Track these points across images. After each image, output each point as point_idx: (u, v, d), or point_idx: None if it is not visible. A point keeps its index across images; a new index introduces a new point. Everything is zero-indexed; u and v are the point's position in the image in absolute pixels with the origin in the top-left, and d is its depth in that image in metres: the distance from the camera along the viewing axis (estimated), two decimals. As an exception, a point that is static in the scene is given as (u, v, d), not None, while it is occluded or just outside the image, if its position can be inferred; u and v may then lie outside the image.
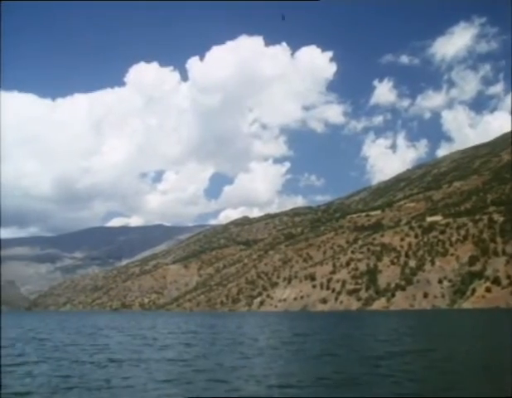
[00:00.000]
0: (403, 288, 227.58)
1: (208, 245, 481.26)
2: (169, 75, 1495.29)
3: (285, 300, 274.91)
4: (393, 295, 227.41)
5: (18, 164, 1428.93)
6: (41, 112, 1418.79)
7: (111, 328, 65.83)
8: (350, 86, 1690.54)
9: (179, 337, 50.21)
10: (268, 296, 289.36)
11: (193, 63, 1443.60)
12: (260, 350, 34.50)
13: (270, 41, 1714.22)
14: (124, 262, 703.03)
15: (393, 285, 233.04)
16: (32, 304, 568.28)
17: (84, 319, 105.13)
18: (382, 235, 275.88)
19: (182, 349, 35.92)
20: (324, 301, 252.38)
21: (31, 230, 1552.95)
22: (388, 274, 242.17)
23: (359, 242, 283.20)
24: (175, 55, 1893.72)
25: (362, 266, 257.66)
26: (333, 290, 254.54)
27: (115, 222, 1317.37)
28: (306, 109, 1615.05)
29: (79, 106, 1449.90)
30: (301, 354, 31.79)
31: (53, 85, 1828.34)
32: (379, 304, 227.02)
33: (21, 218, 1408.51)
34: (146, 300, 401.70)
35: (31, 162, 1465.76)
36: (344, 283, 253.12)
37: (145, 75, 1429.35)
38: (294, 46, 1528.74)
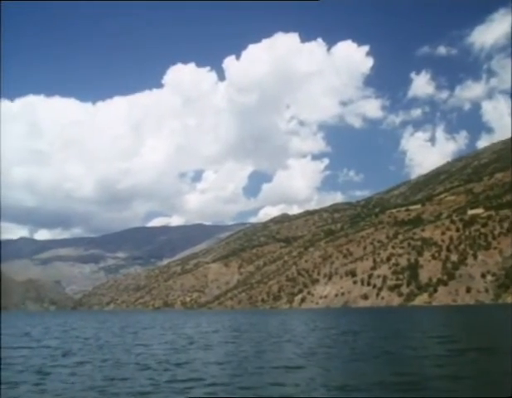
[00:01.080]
0: (446, 283, 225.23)
1: (248, 243, 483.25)
2: (206, 75, 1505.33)
3: (326, 297, 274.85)
4: (435, 290, 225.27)
5: (61, 167, 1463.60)
6: (82, 116, 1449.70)
7: (155, 327, 65.41)
8: (387, 80, 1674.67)
9: (226, 335, 48.72)
10: (308, 293, 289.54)
11: (229, 62, 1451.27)
12: (312, 349, 32.27)
13: (306, 37, 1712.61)
14: (165, 261, 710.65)
15: (434, 280, 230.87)
16: (77, 304, 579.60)
17: (128, 318, 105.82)
18: (422, 230, 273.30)
19: (230, 349, 33.94)
20: (365, 297, 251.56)
21: (75, 232, 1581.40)
22: (430, 269, 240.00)
23: (400, 237, 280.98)
24: (211, 56, 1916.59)
25: (403, 261, 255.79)
26: (374, 286, 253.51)
27: (156, 222, 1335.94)
28: (344, 104, 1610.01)
29: (119, 109, 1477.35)
30: (357, 353, 29.54)
31: (93, 89, 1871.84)
32: (421, 300, 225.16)
33: (64, 220, 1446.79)
34: (187, 299, 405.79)
35: (74, 165, 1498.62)
36: (385, 278, 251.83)
37: (182, 75, 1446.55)
38: (330, 42, 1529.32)
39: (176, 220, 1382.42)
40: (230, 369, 23.43)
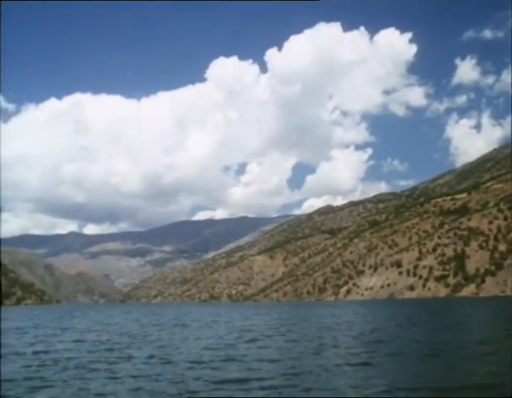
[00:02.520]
0: (494, 274, 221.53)
1: (292, 234, 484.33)
2: (248, 67, 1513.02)
3: (371, 288, 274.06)
4: (482, 281, 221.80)
5: (108, 163, 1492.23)
6: (127, 112, 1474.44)
7: (205, 320, 64.70)
8: (430, 67, 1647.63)
9: (278, 329, 45.78)
10: (354, 284, 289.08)
11: (272, 54, 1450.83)
12: (376, 343, 30.64)
13: (348, 26, 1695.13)
14: (211, 254, 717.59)
15: (482, 271, 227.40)
16: (126, 297, 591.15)
17: (177, 311, 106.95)
18: (469, 219, 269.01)
19: (286, 344, 31.85)
20: (411, 288, 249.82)
21: (122, 226, 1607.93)
22: (477, 260, 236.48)
23: (446, 227, 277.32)
24: (253, 48, 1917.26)
25: (449, 252, 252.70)
26: (420, 277, 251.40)
27: (201, 216, 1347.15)
28: (387, 93, 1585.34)
29: (163, 104, 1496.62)
30: (429, 348, 27.21)
31: (138, 86, 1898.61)
32: (468, 291, 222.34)
33: (112, 214, 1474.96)
34: (233, 291, 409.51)
35: (120, 160, 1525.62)
36: (431, 269, 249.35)
37: (225, 69, 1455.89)
38: (372, 30, 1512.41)
39: (220, 214, 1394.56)
40: (294, 367, 21.59)
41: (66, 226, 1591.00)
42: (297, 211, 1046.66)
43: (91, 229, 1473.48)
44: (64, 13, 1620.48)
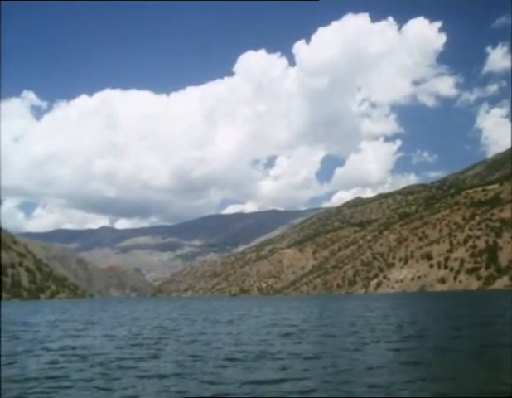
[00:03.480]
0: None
1: (322, 228, 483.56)
2: (276, 61, 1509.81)
3: (402, 281, 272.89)
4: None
5: (138, 158, 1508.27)
6: (156, 107, 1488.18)
7: (235, 315, 62.10)
8: (461, 56, 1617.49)
9: (312, 323, 44.73)
10: (384, 277, 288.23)
11: (299, 47, 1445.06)
12: (418, 338, 28.98)
13: (376, 17, 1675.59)
14: (241, 248, 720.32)
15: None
16: (157, 290, 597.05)
17: (207, 305, 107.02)
18: (501, 210, 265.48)
19: (322, 340, 29.43)
20: (442, 281, 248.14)
21: (152, 220, 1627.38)
22: (509, 251, 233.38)
23: (477, 218, 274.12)
24: (281, 41, 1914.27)
25: (481, 244, 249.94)
26: (451, 269, 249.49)
27: (230, 209, 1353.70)
28: (416, 83, 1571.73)
29: (192, 99, 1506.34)
30: (476, 344, 25.41)
31: (167, 81, 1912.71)
32: (501, 283, 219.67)
33: (142, 209, 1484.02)
34: (263, 285, 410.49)
35: (150, 155, 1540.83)
36: (462, 261, 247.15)
37: (253, 63, 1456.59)
38: (401, 20, 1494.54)
39: (250, 207, 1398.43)
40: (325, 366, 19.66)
41: (98, 221, 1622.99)
42: (326, 204, 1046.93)
43: (122, 223, 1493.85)
44: (94, 11, 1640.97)
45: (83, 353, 24.41)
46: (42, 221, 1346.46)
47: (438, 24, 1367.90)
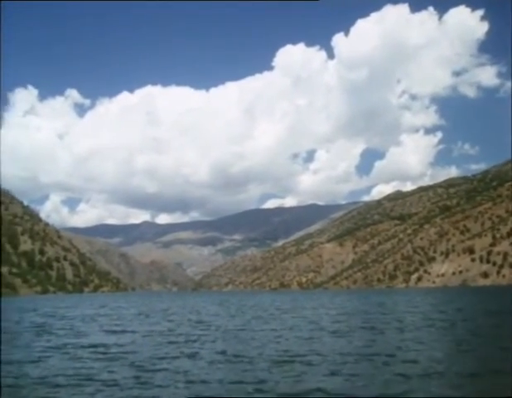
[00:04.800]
0: None
1: (362, 221, 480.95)
2: (315, 54, 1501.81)
3: (443, 275, 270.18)
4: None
5: (178, 154, 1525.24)
6: (196, 103, 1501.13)
7: (277, 309, 58.77)
8: (503, 44, 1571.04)
9: (358, 318, 41.58)
10: (425, 271, 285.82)
11: (338, 40, 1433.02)
12: (487, 337, 26.12)
13: (416, 7, 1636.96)
14: (280, 242, 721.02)
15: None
16: (198, 285, 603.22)
17: (248, 299, 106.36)
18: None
19: (374, 337, 26.42)
20: (485, 275, 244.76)
21: (193, 215, 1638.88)
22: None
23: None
24: (320, 34, 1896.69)
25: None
26: (494, 263, 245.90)
27: (270, 204, 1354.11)
28: (457, 74, 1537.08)
29: (231, 94, 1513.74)
30: None
31: (207, 77, 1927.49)
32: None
33: (183, 204, 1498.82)
34: (303, 279, 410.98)
35: (190, 150, 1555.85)
36: (505, 255, 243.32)
37: (292, 56, 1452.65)
38: (441, 10, 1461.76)
39: (289, 201, 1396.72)
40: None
41: (139, 216, 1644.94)
42: (365, 198, 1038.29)
43: (163, 218, 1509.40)
44: (133, 9, 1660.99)
45: (115, 351, 22.71)
46: (86, 216, 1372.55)
47: (480, 12, 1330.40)
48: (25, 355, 21.92)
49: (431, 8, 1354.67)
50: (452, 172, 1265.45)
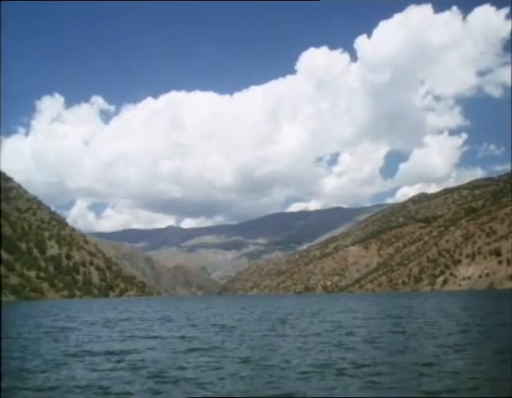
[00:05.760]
0: None
1: (386, 224, 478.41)
2: (338, 57, 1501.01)
3: (469, 278, 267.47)
4: None
5: (202, 158, 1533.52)
6: (220, 108, 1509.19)
7: (303, 314, 56.63)
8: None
9: (388, 323, 39.01)
10: (451, 274, 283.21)
11: (361, 42, 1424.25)
12: None
13: (439, 7, 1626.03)
14: (305, 246, 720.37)
15: None
16: (223, 289, 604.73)
17: (273, 303, 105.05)
18: None
19: (410, 344, 24.39)
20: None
21: (217, 220, 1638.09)
22: None
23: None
24: (343, 37, 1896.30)
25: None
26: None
27: (294, 207, 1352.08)
28: (481, 74, 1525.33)
29: (255, 98, 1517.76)
30: None
31: (230, 81, 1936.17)
32: None
33: (207, 208, 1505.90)
34: (328, 283, 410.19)
35: (214, 155, 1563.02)
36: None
37: (315, 60, 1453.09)
38: (465, 9, 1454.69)
39: (314, 205, 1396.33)
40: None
41: (164, 221, 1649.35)
42: (390, 200, 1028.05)
43: (188, 223, 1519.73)
44: (156, 14, 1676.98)
45: (133, 358, 21.21)
46: (112, 221, 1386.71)
47: (505, 11, 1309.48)
48: (36, 363, 20.67)
49: (454, 8, 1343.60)
50: (477, 173, 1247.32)
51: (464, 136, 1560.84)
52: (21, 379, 17.04)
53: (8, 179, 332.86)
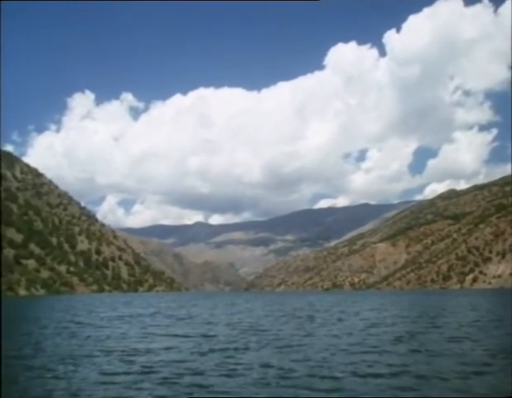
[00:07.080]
0: None
1: (415, 221, 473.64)
2: (367, 52, 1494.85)
3: (500, 276, 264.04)
4: None
5: (230, 155, 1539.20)
6: (248, 104, 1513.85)
7: (332, 311, 54.28)
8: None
9: (421, 323, 35.87)
10: (480, 272, 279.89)
11: (390, 37, 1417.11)
12: None
13: (469, 0, 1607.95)
14: (333, 242, 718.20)
15: None
16: (250, 285, 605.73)
17: (301, 300, 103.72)
18: None
19: (449, 347, 21.78)
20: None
21: (245, 216, 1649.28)
22: None
23: None
24: (372, 32, 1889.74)
25: None
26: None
27: (322, 204, 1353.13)
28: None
29: (283, 94, 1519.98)
30: None
31: (258, 77, 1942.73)
32: None
33: (235, 205, 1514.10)
34: (356, 279, 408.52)
35: (242, 151, 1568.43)
36: None
37: (343, 55, 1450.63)
38: (496, 2, 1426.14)
39: (341, 201, 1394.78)
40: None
41: (193, 217, 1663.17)
42: (418, 197, 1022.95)
43: (216, 219, 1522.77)
44: (184, 12, 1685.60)
45: (149, 360, 19.35)
46: (141, 217, 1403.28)
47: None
48: (45, 362, 19.19)
49: (485, 1, 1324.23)
50: (508, 169, 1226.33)
51: (494, 131, 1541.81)
52: (16, 383, 15.21)
53: (40, 175, 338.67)
